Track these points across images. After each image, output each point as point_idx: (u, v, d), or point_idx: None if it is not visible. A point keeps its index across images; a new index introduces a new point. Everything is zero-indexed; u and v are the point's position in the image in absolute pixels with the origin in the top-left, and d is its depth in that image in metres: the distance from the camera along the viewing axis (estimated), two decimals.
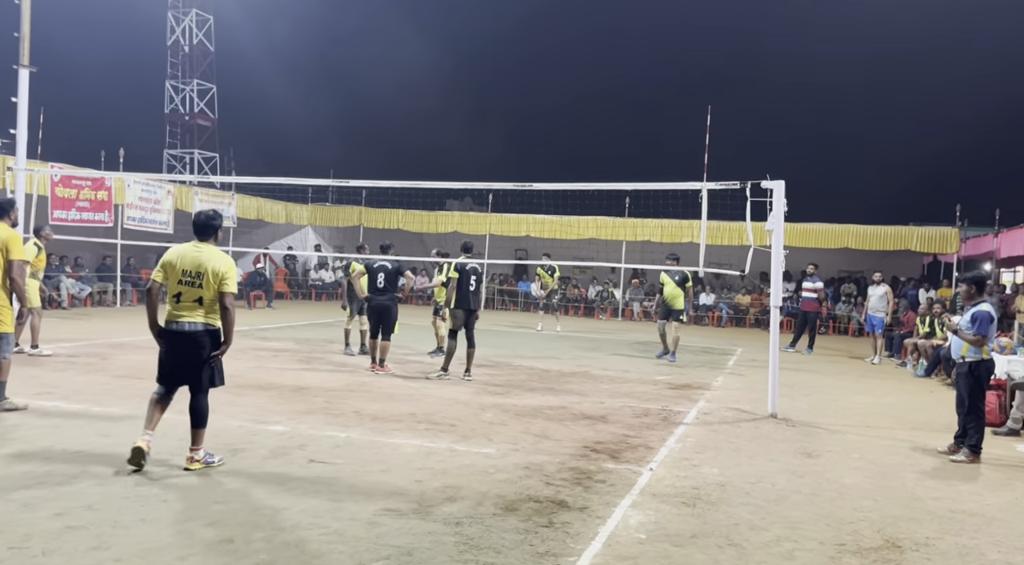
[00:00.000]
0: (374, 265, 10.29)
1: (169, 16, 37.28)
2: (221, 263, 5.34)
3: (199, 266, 5.29)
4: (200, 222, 5.49)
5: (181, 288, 5.29)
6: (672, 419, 8.00)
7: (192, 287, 5.28)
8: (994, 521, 5.16)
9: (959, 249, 20.51)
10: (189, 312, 5.29)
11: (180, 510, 4.50)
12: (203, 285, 5.28)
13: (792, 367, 12.67)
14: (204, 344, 5.33)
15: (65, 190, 16.66)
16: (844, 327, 21.10)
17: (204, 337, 5.33)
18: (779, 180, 8.55)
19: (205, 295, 5.29)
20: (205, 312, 5.31)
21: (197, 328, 5.31)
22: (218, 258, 5.36)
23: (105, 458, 5.46)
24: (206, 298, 5.29)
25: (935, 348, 12.46)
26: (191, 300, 5.29)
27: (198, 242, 5.45)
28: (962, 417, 7.05)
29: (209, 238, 5.47)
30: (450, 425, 7.13)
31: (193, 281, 5.27)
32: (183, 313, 5.30)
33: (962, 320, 7.14)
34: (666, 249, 21.15)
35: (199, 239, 5.46)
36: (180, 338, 5.31)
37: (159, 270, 5.39)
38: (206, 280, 5.27)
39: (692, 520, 4.81)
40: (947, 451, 7.08)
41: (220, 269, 5.31)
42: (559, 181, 11.75)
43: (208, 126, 38.24)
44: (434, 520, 4.53)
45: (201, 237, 5.46)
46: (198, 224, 5.49)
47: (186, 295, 5.29)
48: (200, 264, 5.29)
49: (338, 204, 26.23)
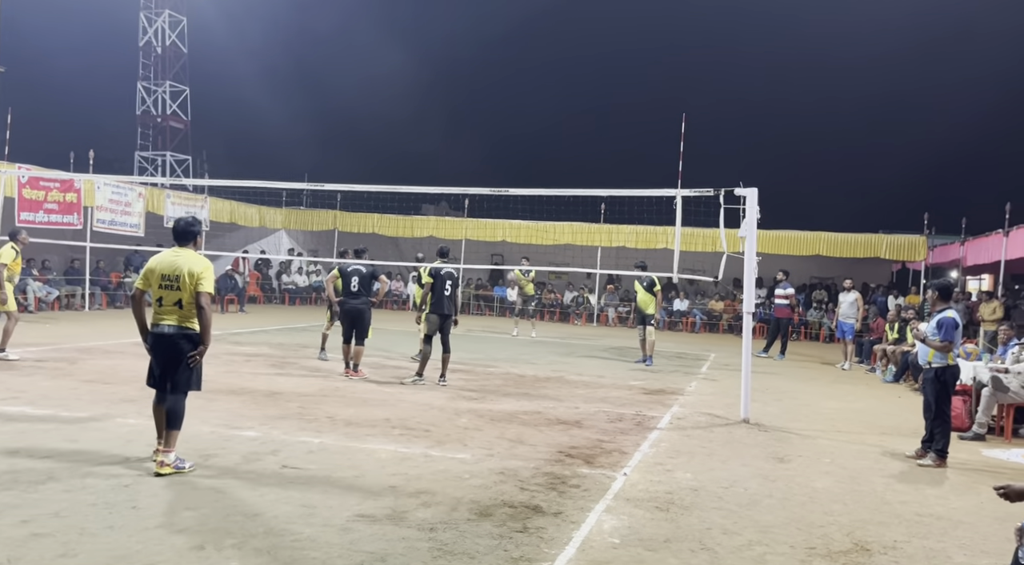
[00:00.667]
0: (348, 269, 10.25)
1: (141, 17, 36.82)
2: (197, 264, 5.46)
3: (176, 269, 5.41)
4: (179, 228, 5.63)
5: (161, 292, 5.41)
6: (646, 424, 8.04)
7: (171, 290, 5.39)
8: (960, 524, 5.25)
9: (927, 257, 20.90)
10: (168, 315, 5.40)
11: (150, 516, 4.43)
12: (180, 287, 5.38)
13: (764, 372, 12.81)
14: (181, 347, 5.39)
15: (33, 192, 16.36)
16: (815, 333, 21.38)
17: (180, 340, 5.40)
18: (752, 188, 8.65)
19: (183, 297, 5.38)
20: (183, 315, 5.40)
21: (173, 330, 5.39)
22: (195, 260, 5.48)
23: (72, 464, 5.37)
24: (184, 300, 5.39)
25: (903, 354, 12.67)
26: (171, 303, 5.39)
27: (177, 248, 5.58)
28: (929, 422, 7.17)
29: (188, 243, 5.59)
30: (425, 430, 7.11)
31: (171, 284, 5.39)
32: (163, 316, 5.41)
33: (928, 326, 7.27)
34: (641, 255, 21.28)
35: (179, 245, 5.59)
36: (161, 340, 5.42)
37: (142, 278, 5.55)
38: (183, 282, 5.38)
39: (665, 525, 4.84)
40: (915, 455, 7.20)
41: (196, 270, 5.41)
42: (535, 187, 11.80)
43: (181, 128, 37.80)
44: (408, 526, 4.51)
45: (180, 243, 5.59)
46: (177, 230, 5.63)
47: (166, 298, 5.40)
48: (177, 267, 5.42)
49: (313, 208, 26.06)
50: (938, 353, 7.07)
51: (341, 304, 10.31)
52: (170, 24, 36.85)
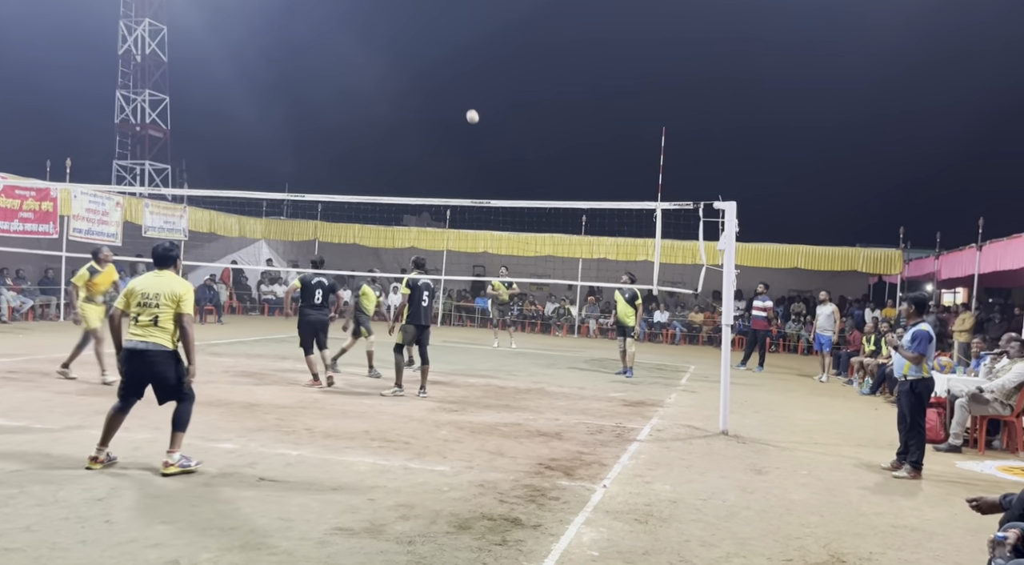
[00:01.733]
0: (312, 281, 10.34)
1: (121, 25, 36.59)
2: (178, 287, 5.71)
3: (156, 289, 5.66)
4: (159, 253, 5.86)
5: (139, 309, 5.62)
6: (626, 436, 8.06)
7: (148, 308, 5.61)
8: (934, 536, 5.31)
9: (902, 270, 21.19)
10: (142, 331, 5.60)
11: (123, 530, 4.37)
12: (158, 305, 5.61)
13: (743, 384, 12.90)
14: (164, 362, 5.61)
15: (8, 200, 16.16)
16: (793, 345, 21.57)
17: (154, 356, 5.59)
18: (731, 201, 8.74)
19: (159, 315, 5.60)
20: (156, 332, 5.60)
21: (145, 346, 5.59)
22: (176, 282, 5.74)
23: (45, 478, 5.28)
24: (160, 318, 5.60)
25: (880, 366, 12.82)
26: (147, 320, 5.59)
27: (158, 271, 5.80)
28: (904, 434, 7.25)
29: (168, 267, 5.83)
30: (404, 443, 7.08)
31: (149, 302, 5.62)
32: (138, 333, 5.60)
33: (903, 338, 7.36)
34: (622, 267, 21.37)
35: (159, 268, 5.80)
36: (134, 355, 5.60)
37: (122, 298, 5.73)
38: (162, 301, 5.62)
39: (644, 537, 4.85)
40: (890, 467, 7.27)
41: (178, 292, 5.67)
42: (516, 199, 11.84)
43: (160, 137, 37.53)
44: (386, 539, 4.49)
45: (160, 267, 5.81)
46: (156, 255, 5.85)
47: (143, 315, 5.60)
48: (157, 287, 5.67)
49: (293, 218, 25.93)
50: (913, 365, 7.15)
51: (303, 314, 10.42)
52: (150, 33, 36.65)
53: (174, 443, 5.60)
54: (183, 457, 5.61)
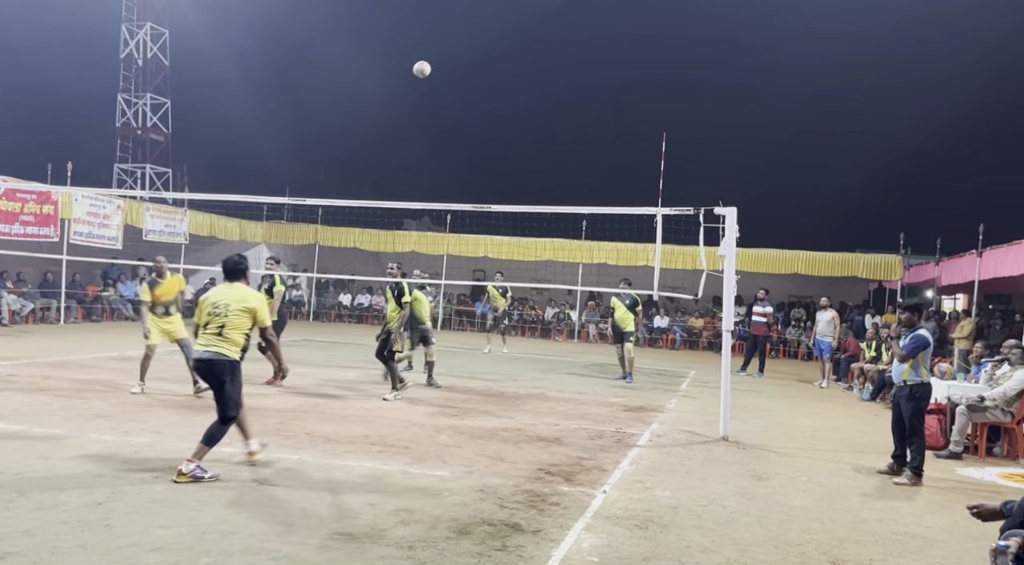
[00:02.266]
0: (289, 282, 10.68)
1: (123, 29, 36.63)
2: (250, 298, 5.94)
3: (226, 300, 5.87)
4: (229, 266, 6.05)
5: (208, 318, 5.85)
6: (626, 441, 8.06)
7: (216, 317, 5.82)
8: (935, 543, 5.30)
9: (903, 276, 21.19)
10: (207, 340, 5.80)
11: (123, 535, 4.37)
12: (227, 315, 5.81)
13: (743, 390, 12.89)
14: (216, 370, 5.77)
15: (8, 203, 16.16)
16: (794, 351, 21.56)
17: (215, 364, 5.76)
18: (731, 207, 8.75)
19: (225, 324, 5.80)
20: (220, 341, 5.79)
21: (209, 355, 5.77)
22: (247, 293, 5.97)
23: (45, 481, 5.28)
24: (226, 328, 5.80)
25: (880, 373, 12.81)
26: (213, 329, 5.80)
27: (230, 282, 6.02)
28: (897, 438, 7.34)
29: (239, 279, 6.04)
30: (404, 447, 7.07)
31: (218, 312, 5.82)
32: (202, 342, 5.83)
33: (902, 340, 7.45)
34: (622, 272, 21.39)
35: (230, 281, 6.02)
36: (199, 364, 5.87)
37: (196, 313, 5.99)
38: (232, 311, 5.82)
39: (644, 543, 4.85)
40: (887, 471, 7.32)
41: (251, 305, 5.89)
42: (517, 203, 11.85)
43: (161, 141, 37.54)
44: (386, 544, 4.48)
45: (231, 279, 6.02)
46: (227, 268, 6.04)
47: (211, 324, 5.82)
48: (227, 298, 5.88)
49: (294, 222, 25.95)
50: (912, 371, 7.19)
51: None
52: (152, 36, 36.68)
53: (198, 454, 5.62)
54: (198, 467, 5.56)
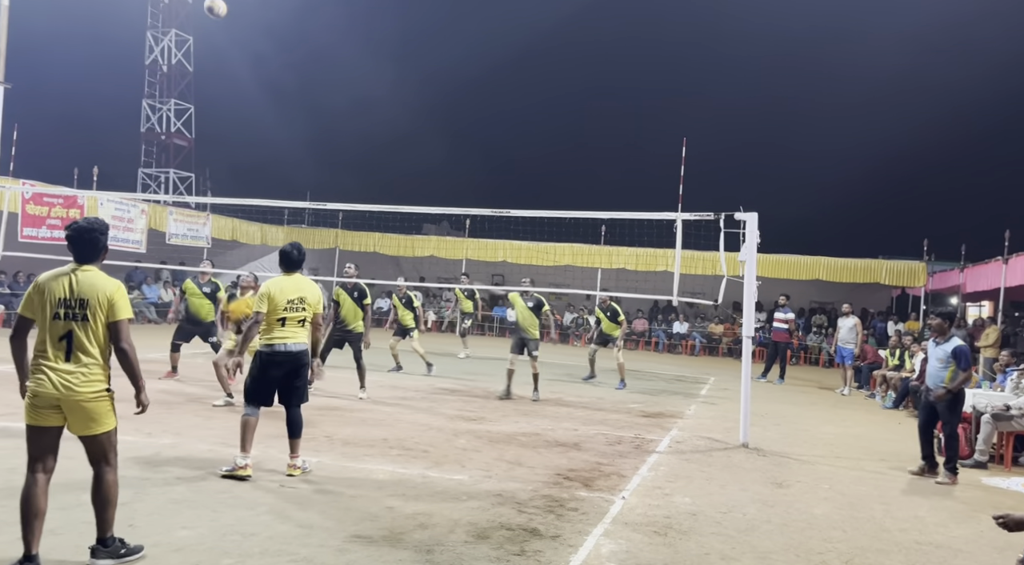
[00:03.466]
0: None
1: (148, 35, 37.14)
2: (314, 291, 6.15)
3: (301, 293, 6.01)
4: (295, 258, 6.13)
5: (285, 313, 5.93)
6: (645, 447, 8.02)
7: (297, 312, 5.98)
8: (960, 553, 5.22)
9: (926, 283, 20.92)
10: (293, 334, 5.95)
11: (145, 535, 4.41)
12: (306, 308, 6.02)
13: (764, 397, 12.78)
14: (303, 362, 6.01)
15: (36, 207, 16.43)
16: (815, 358, 21.35)
17: (302, 356, 6.01)
18: (752, 212, 8.70)
19: (307, 317, 6.04)
20: (304, 333, 6.03)
21: (300, 348, 5.98)
22: (310, 285, 6.16)
23: (68, 482, 5.33)
24: (306, 320, 6.05)
25: (903, 380, 12.65)
26: (295, 323, 5.97)
27: (292, 274, 6.13)
28: (925, 440, 7.57)
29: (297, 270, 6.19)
30: (423, 451, 7.09)
31: (296, 306, 5.97)
32: (289, 336, 5.95)
33: (937, 353, 7.48)
34: (641, 277, 21.37)
35: (291, 272, 6.12)
36: (287, 357, 5.92)
37: (261, 302, 5.95)
38: (308, 304, 6.03)
39: (663, 549, 4.82)
40: (918, 472, 7.48)
41: (314, 297, 6.10)
42: (536, 208, 11.86)
43: (185, 146, 37.96)
44: (405, 547, 4.49)
45: (294, 270, 6.15)
46: (292, 259, 6.12)
47: (291, 319, 5.95)
48: (302, 290, 6.04)
49: (314, 226, 26.14)
50: (955, 376, 7.38)
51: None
52: (176, 43, 37.17)
53: (294, 449, 6.05)
54: (304, 460, 6.06)
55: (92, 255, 4.10)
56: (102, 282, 4.03)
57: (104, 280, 4.05)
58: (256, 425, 5.91)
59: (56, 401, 3.91)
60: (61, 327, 3.94)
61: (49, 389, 3.89)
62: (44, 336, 3.96)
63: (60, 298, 3.96)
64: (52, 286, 3.98)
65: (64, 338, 3.93)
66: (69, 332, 3.93)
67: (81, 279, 3.99)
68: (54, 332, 3.95)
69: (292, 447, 6.00)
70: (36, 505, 3.91)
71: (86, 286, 3.98)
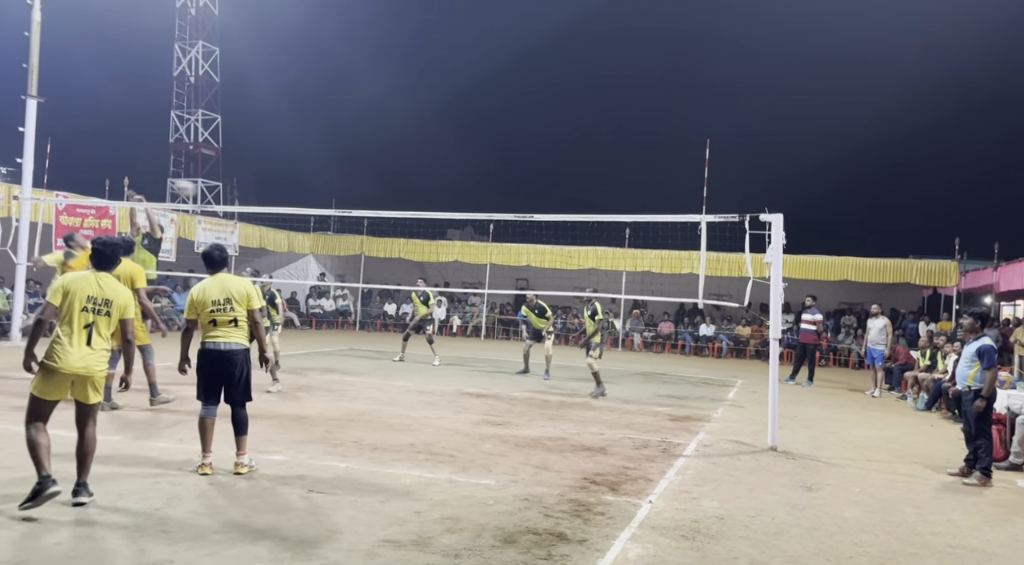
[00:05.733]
0: None
1: (176, 47, 37.82)
2: (240, 289, 6.21)
3: (227, 293, 6.11)
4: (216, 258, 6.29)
5: (213, 314, 6.05)
6: (672, 451, 7.98)
7: (223, 312, 6.08)
8: (994, 557, 5.14)
9: (958, 282, 20.57)
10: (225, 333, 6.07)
11: (178, 540, 4.49)
12: (234, 308, 6.11)
13: (792, 399, 12.65)
14: (237, 361, 6.09)
15: (69, 218, 16.77)
16: (844, 360, 21.08)
17: (237, 356, 6.08)
18: (777, 213, 8.63)
19: (238, 316, 6.16)
20: (241, 333, 6.17)
21: (234, 347, 6.07)
22: (236, 284, 6.23)
23: (104, 489, 5.45)
24: (239, 319, 6.17)
25: (936, 381, 12.45)
26: (226, 322, 6.05)
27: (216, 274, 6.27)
28: (968, 441, 7.44)
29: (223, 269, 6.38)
30: (449, 456, 7.12)
31: (223, 306, 6.08)
32: (219, 335, 6.05)
33: (966, 353, 7.45)
34: (666, 280, 21.26)
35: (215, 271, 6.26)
36: (216, 356, 6.02)
37: (189, 309, 6.12)
38: (235, 303, 6.13)
39: (691, 553, 4.80)
40: (958, 473, 7.39)
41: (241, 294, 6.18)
42: (560, 212, 11.87)
43: (212, 155, 38.57)
44: (433, 552, 4.52)
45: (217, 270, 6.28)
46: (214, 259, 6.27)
47: (220, 320, 6.05)
48: (228, 290, 6.13)
49: (340, 233, 26.38)
50: (976, 375, 7.35)
51: None
52: (203, 54, 37.77)
53: (240, 446, 6.12)
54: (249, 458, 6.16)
55: (109, 266, 5.35)
56: (122, 288, 5.29)
57: (121, 286, 5.31)
58: (212, 426, 5.98)
59: (74, 376, 4.94)
60: (87, 318, 5.01)
61: (72, 365, 4.91)
62: (69, 324, 4.96)
63: (89, 296, 5.05)
64: (81, 285, 5.07)
65: (88, 327, 5.00)
66: (92, 323, 5.02)
67: (104, 283, 5.16)
68: (80, 321, 4.99)
69: (238, 444, 6.04)
70: (40, 440, 4.85)
71: (110, 289, 5.16)
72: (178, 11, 37.52)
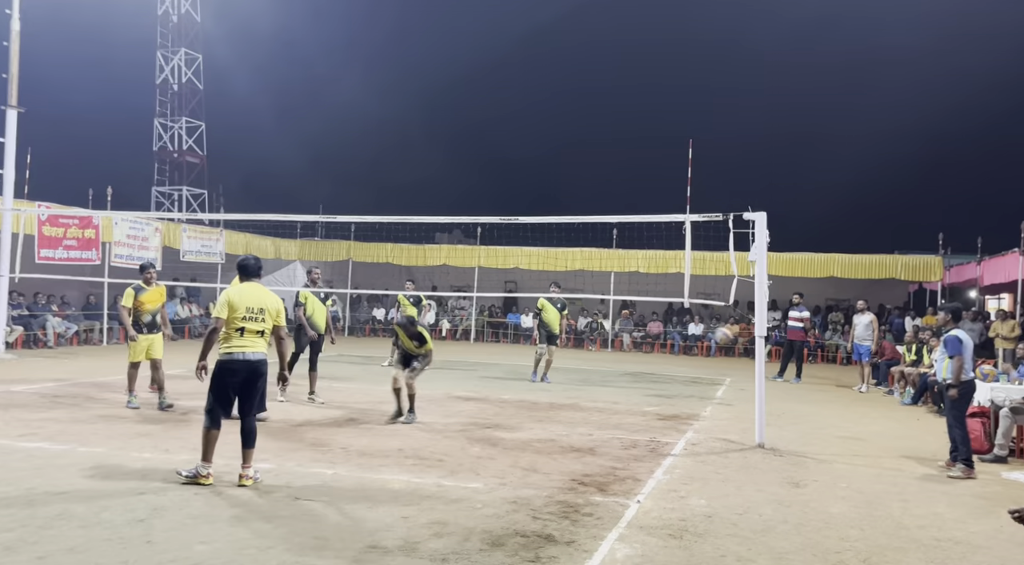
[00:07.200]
0: None
1: (158, 55, 37.59)
2: (274, 302, 6.36)
3: (262, 303, 6.27)
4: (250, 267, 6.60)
5: (244, 323, 6.12)
6: (660, 450, 8.00)
7: (255, 322, 6.18)
8: (979, 549, 5.18)
9: (943, 277, 20.73)
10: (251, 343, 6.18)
11: (163, 551, 4.46)
12: (265, 319, 6.24)
13: (780, 396, 12.70)
14: (261, 372, 6.19)
15: (52, 229, 16.63)
16: (832, 356, 21.19)
17: (262, 366, 6.17)
18: (761, 212, 8.68)
19: (266, 329, 6.27)
20: (263, 344, 6.28)
21: (259, 357, 6.17)
22: (270, 296, 6.40)
23: (88, 499, 5.41)
24: (266, 331, 6.28)
25: (922, 376, 12.54)
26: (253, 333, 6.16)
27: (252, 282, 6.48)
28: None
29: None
30: (438, 460, 7.11)
31: (256, 315, 6.22)
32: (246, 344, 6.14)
33: (936, 349, 7.69)
34: (654, 280, 21.30)
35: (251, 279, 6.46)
36: (240, 366, 6.08)
37: (222, 308, 6.16)
38: (267, 314, 6.27)
39: (679, 552, 4.81)
40: (945, 466, 7.53)
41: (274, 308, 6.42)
42: (546, 214, 11.90)
43: (197, 163, 38.34)
44: (420, 557, 4.51)
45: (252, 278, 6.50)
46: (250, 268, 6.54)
47: (249, 329, 6.15)
48: (263, 300, 6.31)
49: (327, 239, 26.29)
50: (949, 366, 7.55)
51: None
52: (186, 62, 37.58)
53: (247, 459, 6.09)
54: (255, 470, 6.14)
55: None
56: None
57: None
58: (218, 436, 5.98)
59: None
60: None
61: None
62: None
63: None
64: None
65: None
66: None
67: None
68: None
69: (245, 457, 6.00)
70: None
71: None
72: (160, 18, 37.30)
